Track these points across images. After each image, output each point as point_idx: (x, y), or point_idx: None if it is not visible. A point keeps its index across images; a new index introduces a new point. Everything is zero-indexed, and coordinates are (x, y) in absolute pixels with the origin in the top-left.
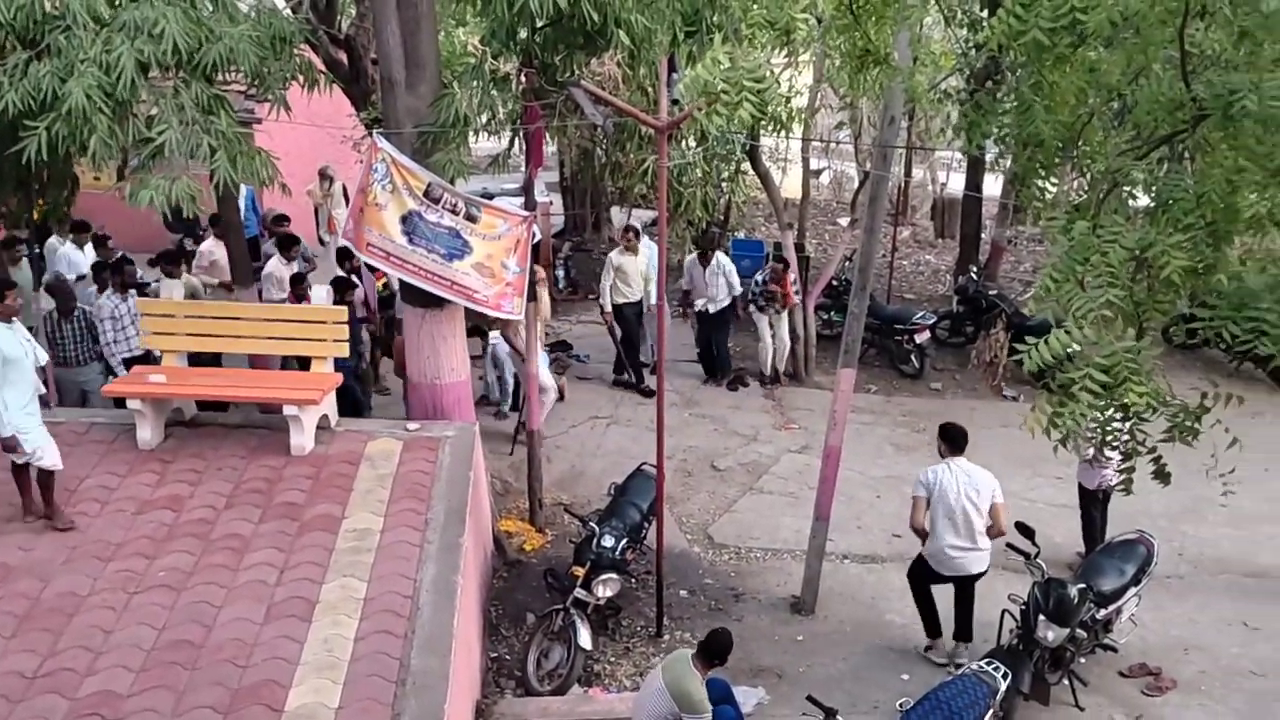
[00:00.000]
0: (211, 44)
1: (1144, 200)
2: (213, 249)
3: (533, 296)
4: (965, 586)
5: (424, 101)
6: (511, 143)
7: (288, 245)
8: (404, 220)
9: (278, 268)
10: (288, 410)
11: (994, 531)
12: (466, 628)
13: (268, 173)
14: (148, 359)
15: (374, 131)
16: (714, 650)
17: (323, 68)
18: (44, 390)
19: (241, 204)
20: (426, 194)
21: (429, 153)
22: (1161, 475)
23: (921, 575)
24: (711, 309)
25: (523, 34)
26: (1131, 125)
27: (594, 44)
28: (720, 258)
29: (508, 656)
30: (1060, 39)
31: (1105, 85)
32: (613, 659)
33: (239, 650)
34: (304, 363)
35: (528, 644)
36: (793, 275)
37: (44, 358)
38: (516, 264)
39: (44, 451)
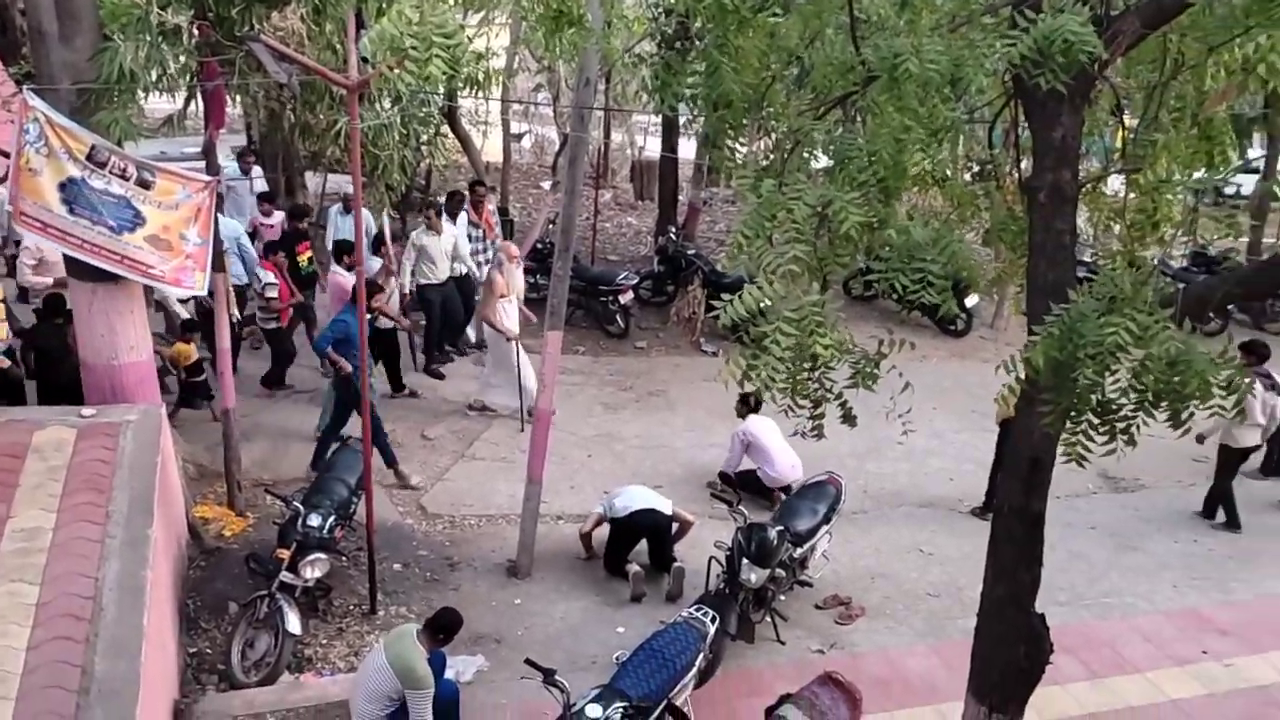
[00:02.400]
0: None
1: (824, 159)
2: (40, 244)
3: (220, 268)
4: (659, 546)
5: (82, 55)
6: (188, 102)
7: None
8: (63, 188)
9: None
10: None
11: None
12: (159, 625)
13: None
14: None
15: (24, 88)
16: (440, 626)
17: None
18: None
19: None
20: (90, 157)
21: (91, 112)
22: (848, 419)
23: (617, 548)
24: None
25: None
26: (810, 87)
27: None
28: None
29: (209, 651)
30: (742, 2)
31: (785, 49)
32: (325, 641)
33: None
34: None
35: (230, 635)
36: (492, 206)
37: None
38: (198, 235)
39: None
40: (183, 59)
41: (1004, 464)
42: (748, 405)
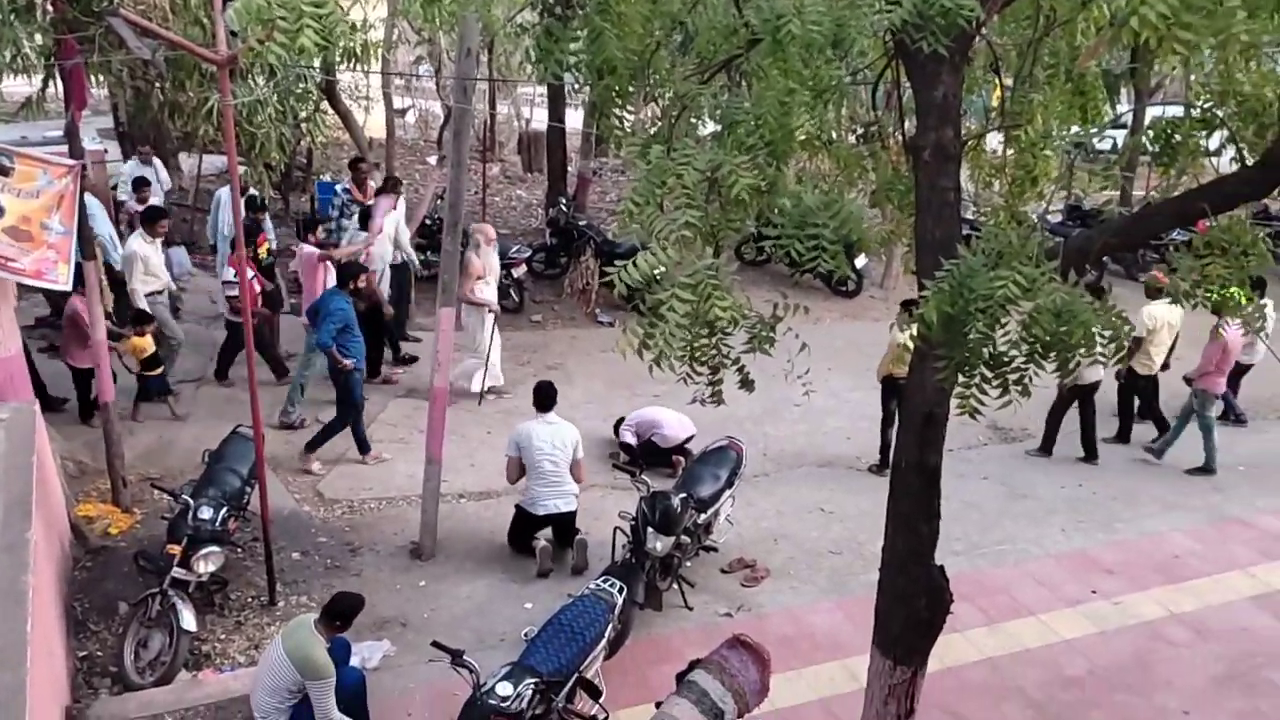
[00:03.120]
0: None
1: (711, 125)
2: (144, 249)
3: (90, 255)
4: (563, 527)
5: None
6: (46, 83)
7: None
8: None
9: (141, 246)
10: None
11: (576, 480)
12: (44, 631)
13: None
14: None
15: None
16: (336, 612)
17: None
18: None
19: None
20: None
21: None
22: (746, 384)
23: (521, 529)
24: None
25: None
26: (695, 52)
27: None
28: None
29: (100, 654)
30: None
31: (667, 13)
32: (223, 636)
33: None
34: None
35: (122, 636)
36: (374, 183)
37: None
38: (61, 223)
39: None
40: (38, 37)
41: (900, 420)
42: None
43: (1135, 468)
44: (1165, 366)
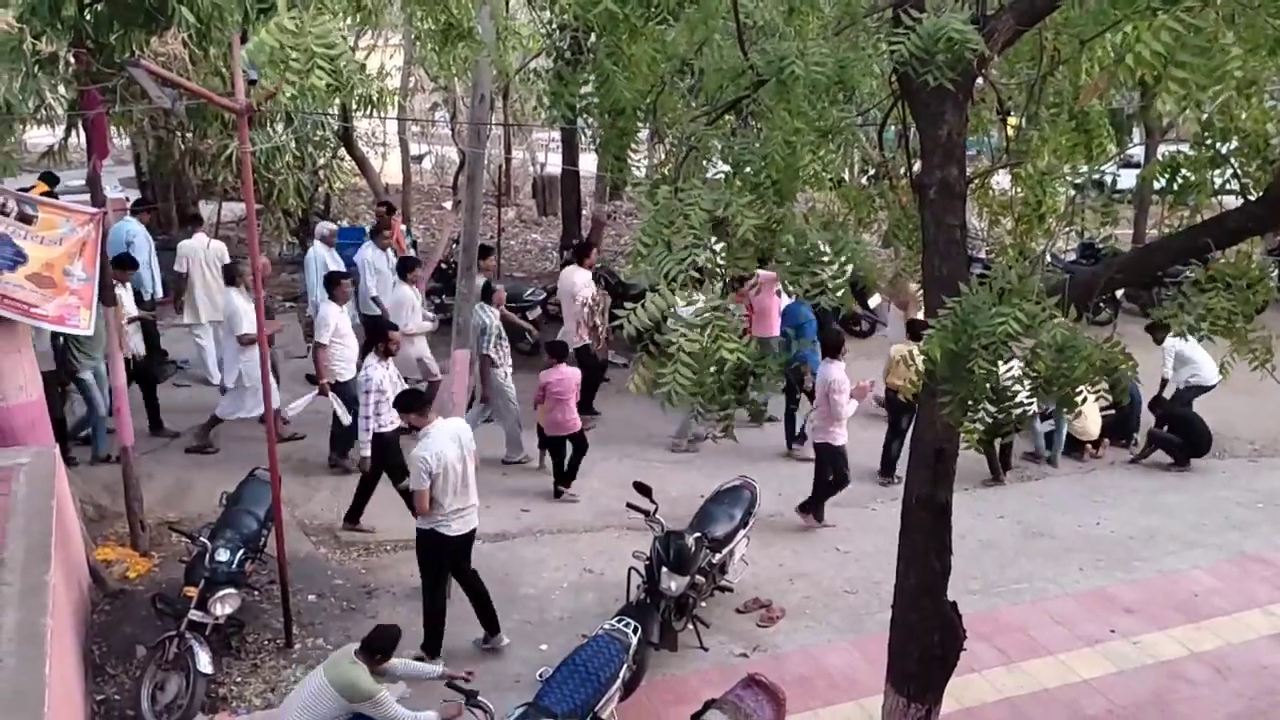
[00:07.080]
0: None
1: (720, 165)
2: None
3: (111, 301)
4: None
5: None
6: (69, 132)
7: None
8: None
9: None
10: None
11: None
12: (63, 675)
13: None
14: None
15: None
16: (377, 647)
17: None
18: None
19: None
20: None
21: None
22: (756, 416)
23: (434, 552)
24: None
25: (69, 11)
26: (703, 94)
27: (155, 21)
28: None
29: (117, 697)
30: (631, 10)
31: (675, 55)
32: (239, 679)
33: None
34: None
35: (139, 679)
36: (402, 226)
37: None
38: (83, 270)
39: None
40: (61, 88)
41: (910, 455)
42: None
43: (1154, 505)
44: None
